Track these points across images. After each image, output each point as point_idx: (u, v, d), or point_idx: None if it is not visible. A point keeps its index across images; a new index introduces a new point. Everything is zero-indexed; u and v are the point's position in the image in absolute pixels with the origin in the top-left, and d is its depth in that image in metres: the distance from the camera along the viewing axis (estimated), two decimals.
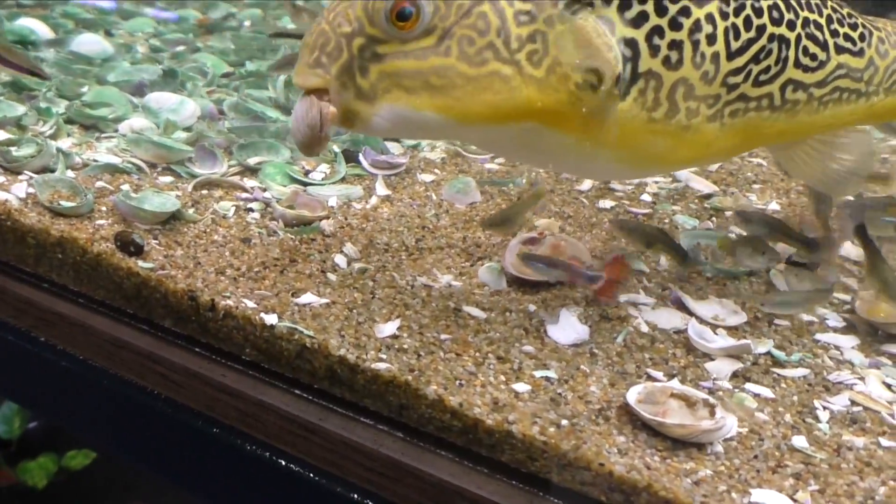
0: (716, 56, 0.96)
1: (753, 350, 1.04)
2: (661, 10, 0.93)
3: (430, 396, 0.92)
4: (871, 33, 1.12)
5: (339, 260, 1.11)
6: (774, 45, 1.00)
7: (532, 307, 1.07)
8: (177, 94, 1.45)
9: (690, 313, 1.09)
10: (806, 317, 1.11)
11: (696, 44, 0.95)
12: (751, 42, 0.98)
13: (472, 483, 0.90)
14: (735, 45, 0.97)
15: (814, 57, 1.04)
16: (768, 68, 1.00)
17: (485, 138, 1.05)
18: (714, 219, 1.37)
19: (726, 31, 0.97)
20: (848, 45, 1.08)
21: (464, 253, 1.18)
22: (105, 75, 1.62)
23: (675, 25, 0.93)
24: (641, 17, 0.93)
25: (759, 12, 0.99)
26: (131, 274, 1.09)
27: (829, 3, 1.09)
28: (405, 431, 0.95)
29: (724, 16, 0.97)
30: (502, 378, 0.95)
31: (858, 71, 1.10)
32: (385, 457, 0.94)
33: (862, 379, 1.00)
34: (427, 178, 1.37)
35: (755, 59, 0.99)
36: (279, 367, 1.02)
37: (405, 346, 0.97)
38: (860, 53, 1.09)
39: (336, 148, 1.37)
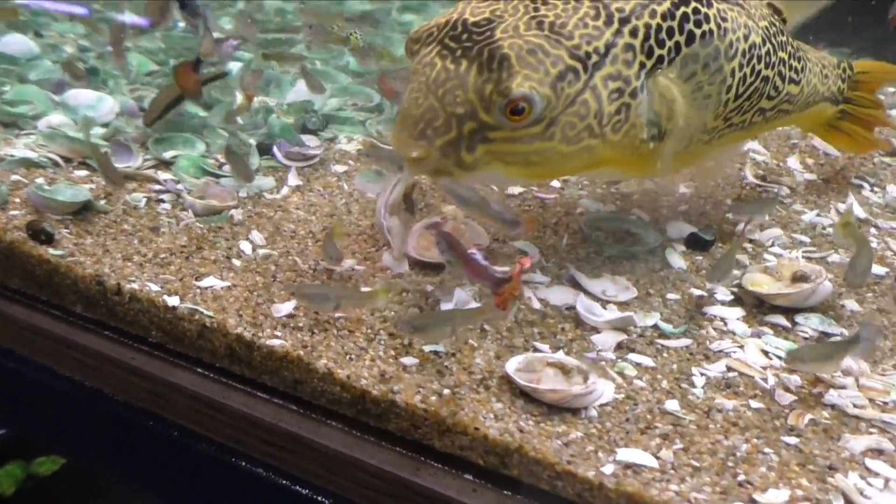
0: (728, 101, 1.15)
1: (639, 323, 1.12)
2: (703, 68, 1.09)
3: (320, 370, 1.00)
4: (805, 64, 1.33)
5: (245, 246, 1.18)
6: (761, 85, 1.20)
7: (430, 287, 1.14)
8: (96, 92, 1.52)
9: (584, 290, 1.18)
10: (696, 291, 1.20)
11: (719, 94, 1.13)
12: (750, 85, 1.18)
13: (364, 452, 0.98)
14: (741, 90, 1.17)
15: (777, 89, 1.25)
16: (752, 103, 1.21)
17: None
18: (618, 202, 1.45)
19: (740, 80, 1.15)
20: (793, 75, 1.29)
21: (370, 239, 1.25)
22: (27, 74, 1.68)
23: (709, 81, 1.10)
24: (690, 76, 1.09)
25: (760, 59, 1.17)
26: (42, 261, 1.16)
27: (790, 40, 1.29)
28: (301, 405, 1.03)
29: (741, 68, 1.14)
30: (392, 353, 1.02)
31: (795, 96, 1.31)
32: (284, 430, 1.01)
33: (741, 347, 1.08)
34: (340, 168, 1.45)
35: (748, 98, 1.20)
36: (183, 347, 1.09)
37: (300, 325, 1.05)
38: (798, 82, 1.31)
39: (252, 140, 1.45)
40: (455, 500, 0.92)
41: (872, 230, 1.36)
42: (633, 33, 1.05)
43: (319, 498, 1.01)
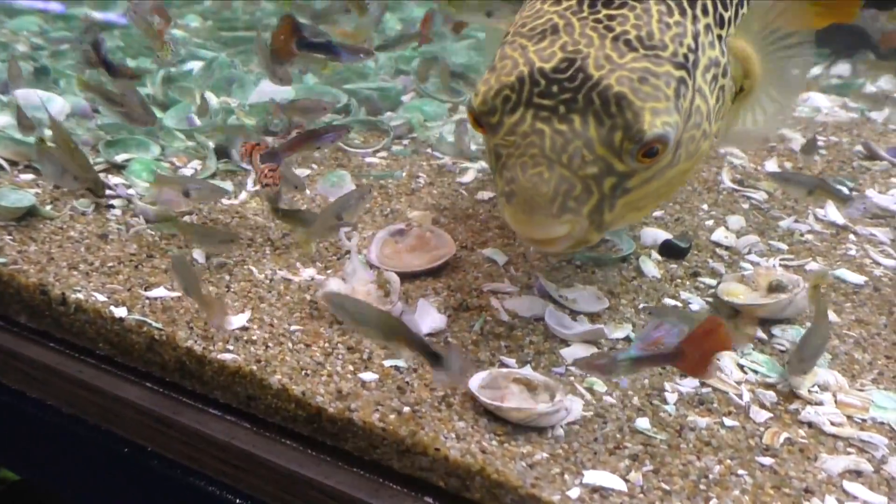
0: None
1: (610, 335, 1.08)
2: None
3: (274, 386, 0.95)
4: None
5: (198, 255, 1.13)
6: None
7: (399, 307, 1.10)
8: (46, 92, 1.45)
9: (553, 301, 1.14)
10: (670, 301, 1.16)
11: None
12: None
13: (321, 473, 0.93)
14: None
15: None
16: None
17: None
18: None
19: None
20: None
21: (332, 247, 1.20)
22: None
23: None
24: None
25: None
26: None
27: None
28: (255, 423, 0.98)
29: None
30: (350, 368, 0.97)
31: None
32: (238, 449, 0.96)
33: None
34: (303, 172, 1.40)
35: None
36: (132, 360, 1.04)
37: (254, 338, 1.00)
38: None
39: (211, 143, 1.39)
40: None
41: (851, 237, 1.33)
42: (705, 10, 0.96)
43: None
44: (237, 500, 0.98)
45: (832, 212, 1.38)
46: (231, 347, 0.97)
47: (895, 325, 1.12)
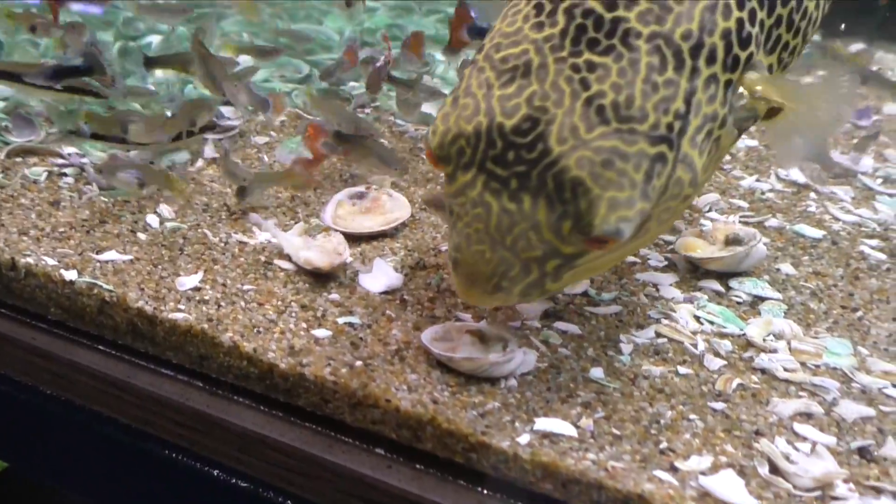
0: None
1: (568, 290, 1.09)
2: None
3: (226, 344, 0.95)
4: None
5: (152, 220, 1.13)
6: None
7: (349, 259, 1.10)
8: None
9: None
10: (630, 258, 1.17)
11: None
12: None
13: (275, 430, 0.93)
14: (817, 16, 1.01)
15: None
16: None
17: None
18: None
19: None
20: None
21: (290, 211, 1.20)
22: None
23: None
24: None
25: None
26: None
27: None
28: (208, 382, 0.98)
29: None
30: (303, 325, 0.98)
31: None
32: (192, 410, 0.97)
33: (673, 312, 1.06)
34: (261, 140, 1.41)
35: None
36: (84, 324, 1.04)
37: (206, 298, 1.00)
38: None
39: (167, 112, 1.38)
40: (370, 476, 0.88)
41: (812, 195, 1.34)
42: (711, 58, 0.82)
43: (233, 479, 0.96)
44: (196, 464, 0.98)
45: (794, 172, 1.40)
46: (182, 307, 0.97)
47: (852, 277, 1.15)
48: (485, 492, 0.86)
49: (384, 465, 0.89)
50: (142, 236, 1.09)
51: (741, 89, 0.87)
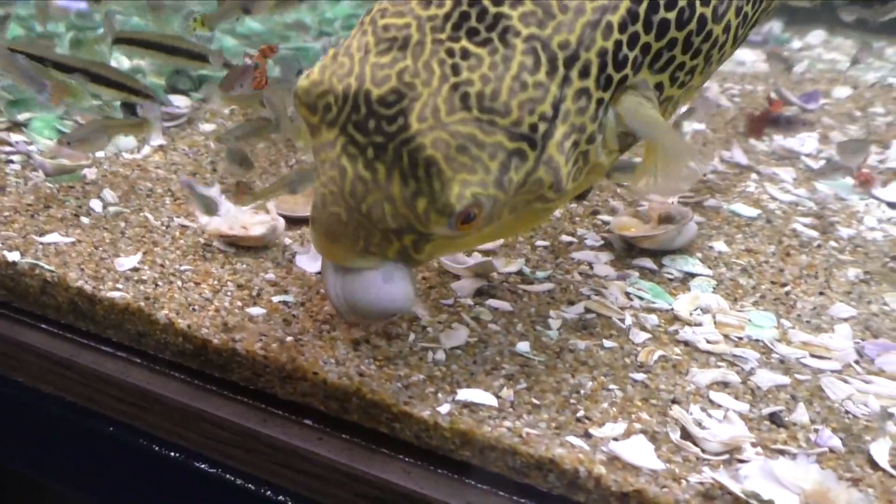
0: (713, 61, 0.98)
1: (503, 269, 1.13)
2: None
3: (161, 321, 0.99)
4: None
5: (95, 204, 1.18)
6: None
7: (288, 241, 1.14)
8: None
9: None
10: (566, 238, 1.21)
11: (707, 60, 0.96)
12: (738, 31, 1.00)
13: (211, 404, 0.97)
14: (731, 42, 0.99)
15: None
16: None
17: None
18: None
19: (734, 34, 0.97)
20: None
21: (234, 197, 1.26)
22: None
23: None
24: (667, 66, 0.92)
25: None
26: None
27: None
28: (148, 359, 1.03)
29: (733, 22, 0.95)
30: (238, 303, 1.02)
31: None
32: (133, 386, 1.01)
33: (604, 289, 1.10)
34: (209, 128, 1.45)
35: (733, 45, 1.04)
36: (28, 304, 1.08)
37: (144, 278, 1.05)
38: None
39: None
40: (301, 448, 0.91)
41: (753, 175, 1.38)
42: (585, 72, 0.85)
43: (172, 454, 0.99)
44: (138, 440, 1.02)
45: (737, 153, 1.44)
46: (120, 286, 1.02)
47: (783, 253, 1.18)
48: (409, 460, 0.90)
49: (315, 437, 0.93)
50: (85, 220, 1.14)
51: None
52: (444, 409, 0.88)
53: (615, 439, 0.85)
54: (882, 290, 1.08)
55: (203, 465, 0.98)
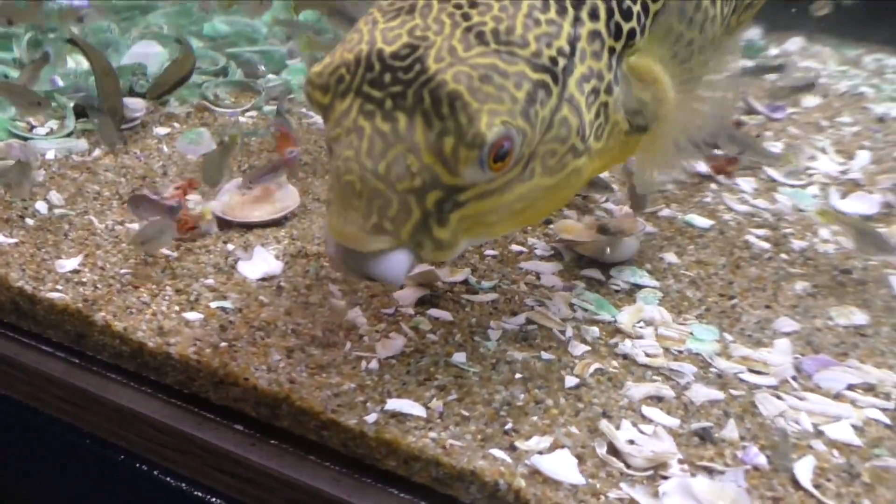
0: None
1: (448, 279, 1.14)
2: None
3: (99, 323, 1.02)
4: None
5: (41, 206, 1.21)
6: None
7: (231, 247, 1.16)
8: None
9: None
10: (516, 247, 1.22)
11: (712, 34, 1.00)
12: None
13: (148, 407, 1.00)
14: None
15: None
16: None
17: None
18: None
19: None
20: None
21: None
22: None
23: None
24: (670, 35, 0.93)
25: None
26: None
27: None
28: (87, 360, 1.05)
29: None
30: (176, 308, 1.04)
31: None
32: (75, 387, 1.03)
33: (548, 300, 1.11)
34: (163, 131, 1.47)
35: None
36: None
37: (84, 280, 1.07)
38: None
39: (70, 103, 1.45)
40: (234, 453, 0.93)
41: (713, 185, 1.38)
42: (594, 15, 0.87)
43: (113, 454, 1.01)
44: (84, 441, 1.03)
45: (699, 163, 1.45)
46: (60, 288, 1.05)
47: (734, 265, 1.19)
48: (337, 468, 0.91)
49: (248, 442, 0.94)
50: (30, 221, 1.17)
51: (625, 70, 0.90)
52: (371, 418, 0.89)
53: (540, 453, 0.87)
54: (828, 304, 1.10)
55: (143, 466, 0.99)
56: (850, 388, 0.96)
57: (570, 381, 0.96)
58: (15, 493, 1.19)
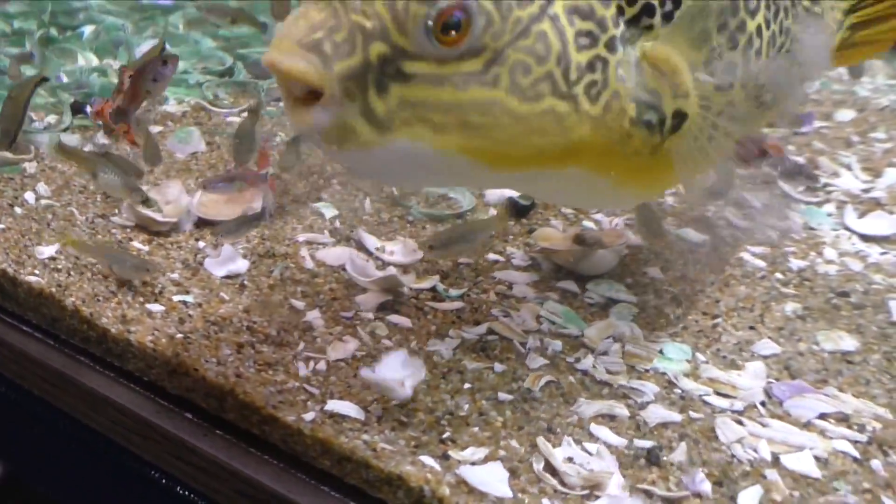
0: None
1: (415, 285, 1.17)
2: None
3: (69, 307, 1.11)
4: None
5: (29, 196, 1.33)
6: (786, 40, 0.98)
7: (202, 244, 1.23)
8: None
9: (366, 252, 1.23)
10: (493, 256, 1.23)
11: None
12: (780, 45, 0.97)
13: (113, 391, 1.07)
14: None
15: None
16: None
17: (506, 183, 0.99)
18: None
19: (769, 41, 0.93)
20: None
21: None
22: None
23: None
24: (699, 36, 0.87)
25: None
26: None
27: None
28: (63, 344, 1.13)
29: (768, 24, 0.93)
30: (140, 299, 1.12)
31: None
32: (52, 368, 1.12)
33: (515, 311, 1.11)
34: (156, 129, 1.56)
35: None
36: None
37: (59, 267, 1.17)
38: None
39: (71, 99, 1.58)
40: (188, 442, 0.98)
41: (718, 201, 1.36)
42: None
43: (86, 435, 1.08)
44: (59, 421, 1.10)
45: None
46: (37, 272, 1.15)
47: (723, 283, 1.17)
48: (278, 464, 0.94)
49: (201, 432, 0.99)
50: (18, 210, 1.29)
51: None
52: (309, 416, 0.93)
53: (472, 463, 0.87)
54: (817, 328, 1.06)
55: (112, 450, 1.05)
56: (822, 416, 0.93)
57: (521, 394, 0.96)
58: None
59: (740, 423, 0.93)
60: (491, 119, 0.81)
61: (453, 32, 0.77)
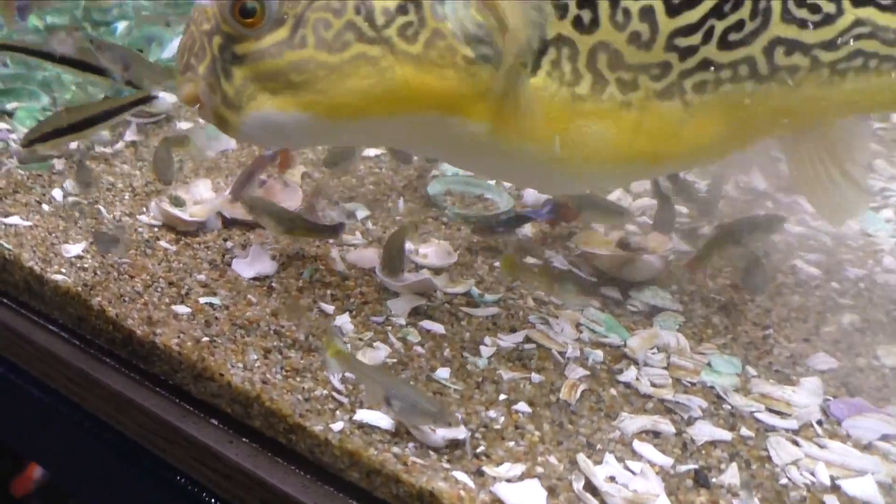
0: (647, 12, 0.86)
1: (449, 289, 1.14)
2: None
3: (94, 307, 1.11)
4: None
5: (57, 194, 1.33)
6: None
7: (230, 244, 1.22)
8: None
9: None
10: (531, 260, 1.20)
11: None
12: None
13: (139, 394, 1.07)
14: None
15: (814, 8, 0.88)
16: (740, 23, 0.88)
17: (378, 135, 1.05)
18: None
19: None
20: None
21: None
22: None
23: None
24: None
25: None
26: None
27: None
28: (88, 344, 1.13)
29: None
30: (167, 300, 1.11)
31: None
32: (77, 368, 1.13)
33: (553, 318, 1.09)
34: (186, 126, 1.57)
35: (716, 13, 0.87)
36: None
37: (85, 266, 1.17)
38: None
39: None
40: (213, 448, 0.98)
41: (768, 203, 1.30)
42: None
43: (112, 437, 1.08)
44: (84, 421, 1.11)
45: (755, 177, 1.37)
46: (64, 271, 1.15)
47: (774, 292, 1.11)
48: (305, 474, 0.93)
49: (226, 439, 0.99)
50: (46, 207, 1.30)
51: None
52: (338, 426, 0.91)
53: (508, 481, 0.85)
54: (877, 342, 1.02)
55: (136, 452, 1.05)
56: (885, 438, 0.89)
57: (560, 407, 0.93)
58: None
59: (795, 443, 0.89)
60: (309, 74, 0.93)
61: (251, 17, 0.92)
